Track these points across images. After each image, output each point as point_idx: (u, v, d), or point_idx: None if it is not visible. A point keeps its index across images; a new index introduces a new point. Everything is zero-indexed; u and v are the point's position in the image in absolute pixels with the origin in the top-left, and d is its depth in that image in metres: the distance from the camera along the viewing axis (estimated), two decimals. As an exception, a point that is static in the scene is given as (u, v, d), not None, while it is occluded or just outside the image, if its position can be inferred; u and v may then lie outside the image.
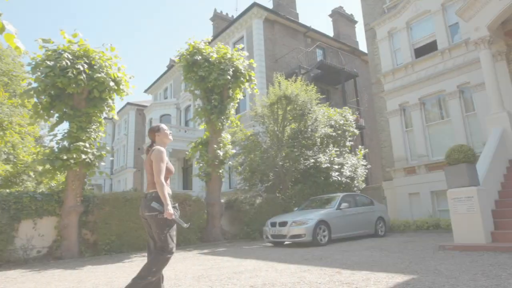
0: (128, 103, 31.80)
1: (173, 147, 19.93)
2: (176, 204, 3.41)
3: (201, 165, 11.69)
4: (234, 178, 16.36)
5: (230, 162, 13.55)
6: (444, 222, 10.19)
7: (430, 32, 12.93)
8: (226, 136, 12.20)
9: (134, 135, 31.34)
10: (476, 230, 6.35)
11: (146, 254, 3.85)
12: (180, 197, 10.85)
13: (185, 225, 3.44)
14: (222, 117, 11.71)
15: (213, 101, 11.43)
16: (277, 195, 12.82)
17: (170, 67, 28.14)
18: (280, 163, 12.70)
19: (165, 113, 26.06)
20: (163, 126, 3.64)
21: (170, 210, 3.23)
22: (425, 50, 12.99)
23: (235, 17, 23.35)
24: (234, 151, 12.61)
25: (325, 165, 12.77)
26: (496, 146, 8.05)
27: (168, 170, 3.44)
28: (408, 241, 8.56)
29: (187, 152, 12.92)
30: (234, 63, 11.66)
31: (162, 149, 3.44)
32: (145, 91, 31.87)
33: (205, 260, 7.05)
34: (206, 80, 11.30)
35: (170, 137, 3.70)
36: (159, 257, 3.28)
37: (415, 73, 12.99)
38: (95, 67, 8.95)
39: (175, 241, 3.40)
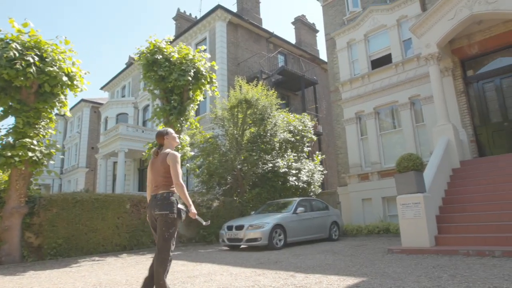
0: (82, 100, 30.36)
1: (129, 147, 19.28)
2: (192, 203, 3.58)
3: (158, 166, 11.39)
4: (192, 180, 16.12)
5: (188, 164, 13.35)
6: (394, 227, 10.68)
7: (385, 45, 13.57)
8: (185, 137, 12.02)
9: (88, 133, 29.93)
10: (421, 234, 6.72)
11: (96, 258, 3.74)
12: (135, 198, 10.52)
13: (204, 223, 3.76)
14: (181, 119, 11.52)
15: (172, 101, 11.22)
16: (235, 198, 12.81)
17: (129, 64, 27.28)
18: (239, 166, 12.72)
19: (122, 111, 25.18)
20: (171, 130, 3.88)
21: (194, 210, 3.55)
22: (381, 62, 13.62)
23: (198, 18, 23.14)
24: (192, 153, 12.44)
25: (283, 170, 12.96)
26: (441, 156, 8.58)
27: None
28: (359, 245, 8.87)
29: (143, 153, 12.57)
30: (196, 64, 11.53)
31: (177, 153, 3.68)
32: (102, 88, 30.61)
33: (158, 264, 6.85)
34: (166, 80, 11.08)
35: (178, 140, 4.00)
36: (161, 261, 3.40)
37: (371, 84, 13.57)
38: (47, 60, 8.45)
39: (175, 242, 3.60)
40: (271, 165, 12.88)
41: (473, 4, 9.05)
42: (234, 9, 21.40)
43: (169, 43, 11.57)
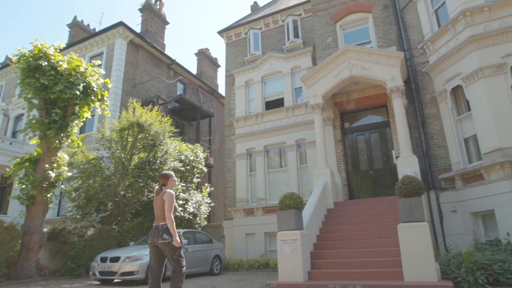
0: None
1: (-11, 161, 16.42)
2: (181, 232, 4.59)
3: (24, 186, 9.92)
4: (65, 204, 14.41)
5: (63, 186, 11.92)
6: (273, 262, 11.09)
7: (280, 89, 14.69)
8: (63, 156, 10.82)
9: None
10: (296, 269, 7.10)
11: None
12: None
13: (189, 250, 4.98)
14: (62, 134, 10.39)
15: (54, 115, 10.07)
16: (114, 227, 11.80)
17: (4, 65, 23.84)
18: (122, 192, 11.87)
19: (-13, 118, 21.56)
20: (173, 173, 5.05)
21: (178, 240, 4.58)
22: (274, 104, 14.63)
23: (97, 30, 21.78)
24: (70, 174, 11.22)
25: (170, 199, 12.51)
26: (319, 196, 9.39)
27: (174, 208, 4.80)
28: (239, 279, 8.94)
29: (7, 169, 10.84)
30: (87, 78, 10.68)
31: (173, 193, 4.82)
32: (-37, 87, 25.92)
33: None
34: (49, 90, 9.96)
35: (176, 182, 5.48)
36: (177, 275, 4.60)
37: (263, 123, 14.38)
38: None
39: (184, 260, 4.72)
40: (158, 193, 12.32)
41: (352, 67, 10.52)
42: (138, 29, 20.81)
43: (58, 51, 10.54)
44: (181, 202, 12.90)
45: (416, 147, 10.38)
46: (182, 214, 12.78)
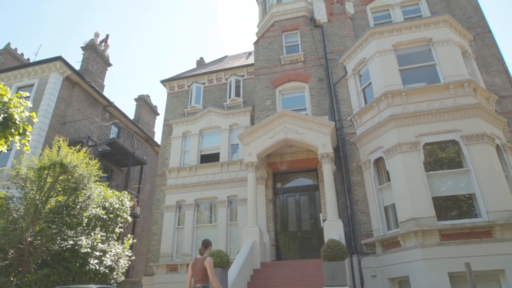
0: None
1: None
2: None
3: None
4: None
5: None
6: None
7: (216, 144, 14.81)
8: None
9: None
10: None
11: None
12: None
13: None
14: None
15: (-39, 144, 8.97)
16: (12, 279, 10.26)
17: None
18: (30, 239, 10.54)
19: None
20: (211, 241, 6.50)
21: None
22: (210, 158, 14.62)
23: (32, 61, 20.63)
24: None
25: (85, 250, 11.35)
26: (246, 256, 9.21)
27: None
28: None
29: None
30: (10, 109, 9.83)
31: (211, 259, 6.12)
32: None
33: None
34: (-39, 117, 8.96)
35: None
36: None
37: (196, 176, 14.18)
38: None
39: None
40: (72, 242, 11.14)
41: (288, 131, 11.08)
42: (78, 66, 20.13)
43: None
44: (98, 253, 11.76)
45: (342, 211, 10.87)
46: (97, 267, 11.60)
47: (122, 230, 14.26)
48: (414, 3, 13.78)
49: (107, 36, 23.01)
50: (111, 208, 13.35)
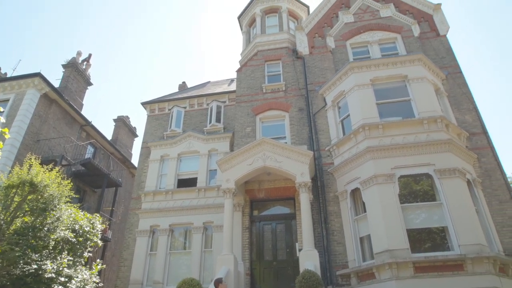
0: None
1: None
2: None
3: None
4: None
5: None
6: None
7: (195, 169, 14.66)
8: None
9: None
10: None
11: None
12: None
13: None
14: None
15: None
16: (-34, 305, 9.56)
17: None
18: (-10, 262, 9.92)
19: None
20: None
21: None
22: (187, 183, 14.41)
23: (9, 76, 20.17)
24: None
25: (49, 275, 10.72)
26: (219, 285, 8.95)
27: None
28: None
29: None
30: (-19, 125, 9.53)
31: None
32: None
33: None
34: None
35: None
36: None
37: (173, 201, 13.90)
38: None
39: None
40: (36, 266, 10.52)
41: (266, 159, 11.12)
42: (57, 84, 19.80)
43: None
44: (63, 279, 11.15)
45: (318, 241, 10.82)
46: (61, 295, 10.97)
47: (91, 254, 13.63)
48: (391, 42, 14.45)
49: (90, 55, 22.86)
50: (80, 231, 12.80)
